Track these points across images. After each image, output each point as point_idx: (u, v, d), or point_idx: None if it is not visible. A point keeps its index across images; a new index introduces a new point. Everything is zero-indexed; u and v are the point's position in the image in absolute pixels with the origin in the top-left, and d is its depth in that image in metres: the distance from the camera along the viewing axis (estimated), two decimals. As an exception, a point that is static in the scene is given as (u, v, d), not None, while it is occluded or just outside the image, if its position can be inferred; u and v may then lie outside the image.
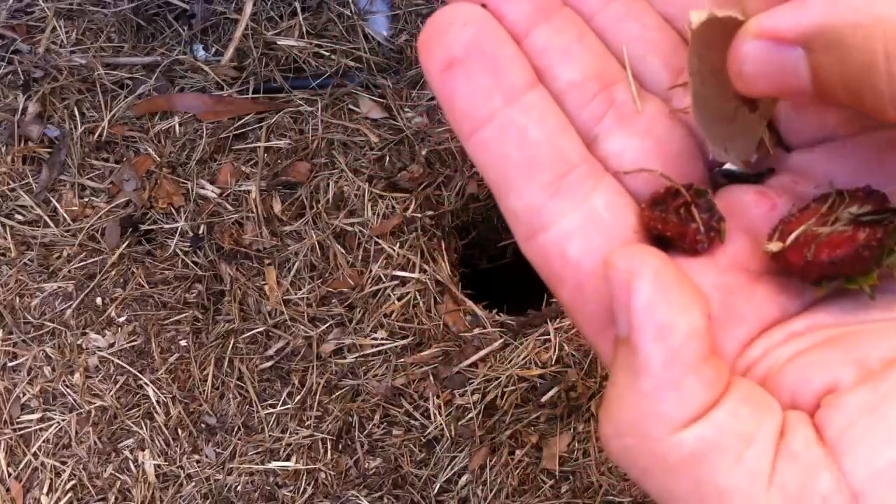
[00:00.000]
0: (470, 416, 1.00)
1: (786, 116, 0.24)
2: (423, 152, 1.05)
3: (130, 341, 1.06)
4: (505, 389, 0.99)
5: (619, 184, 0.24)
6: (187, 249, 1.06)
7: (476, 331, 1.01)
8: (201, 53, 1.10)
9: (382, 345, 1.02)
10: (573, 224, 0.23)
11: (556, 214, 0.23)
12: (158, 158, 1.08)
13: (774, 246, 0.23)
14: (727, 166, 0.25)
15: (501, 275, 1.18)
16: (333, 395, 1.02)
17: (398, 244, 1.04)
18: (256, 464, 1.02)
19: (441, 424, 1.00)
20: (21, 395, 1.06)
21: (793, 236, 0.22)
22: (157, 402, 1.04)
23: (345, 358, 1.02)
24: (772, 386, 0.22)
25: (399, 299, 1.03)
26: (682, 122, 0.25)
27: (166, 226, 1.07)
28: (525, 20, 0.24)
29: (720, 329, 0.23)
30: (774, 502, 0.19)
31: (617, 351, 0.21)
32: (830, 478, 0.19)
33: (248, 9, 1.08)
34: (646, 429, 0.20)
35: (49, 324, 1.07)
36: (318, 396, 1.02)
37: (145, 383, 1.05)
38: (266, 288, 1.04)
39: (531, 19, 0.24)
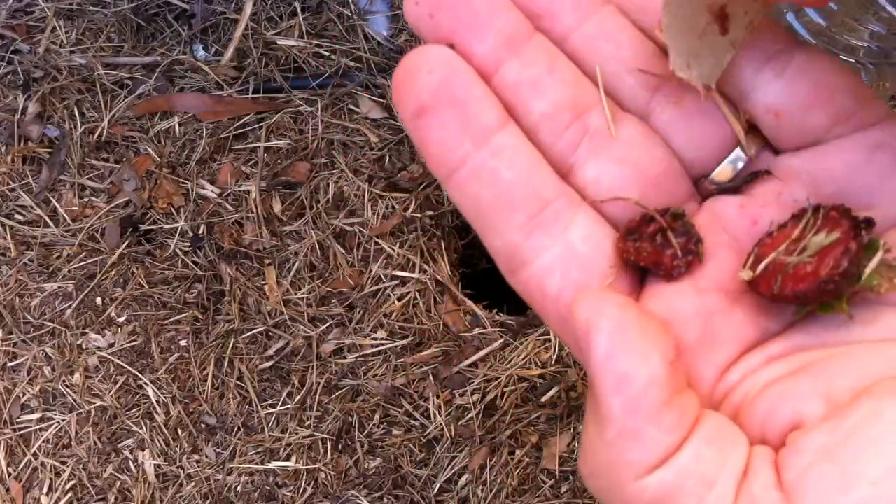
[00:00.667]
0: (470, 416, 1.00)
1: (770, 120, 0.24)
2: (423, 152, 1.05)
3: (130, 341, 1.06)
4: (505, 389, 0.99)
5: (596, 213, 0.24)
6: (187, 249, 1.06)
7: (476, 331, 1.01)
8: (201, 53, 1.10)
9: (382, 345, 1.02)
10: (551, 259, 0.23)
11: (535, 251, 0.23)
12: (158, 158, 1.08)
13: (745, 275, 0.23)
14: (714, 174, 0.25)
15: (501, 275, 1.18)
16: (333, 395, 1.02)
17: (398, 244, 1.04)
18: (256, 464, 1.02)
19: (441, 424, 1.00)
20: (21, 395, 1.06)
21: (762, 266, 0.22)
22: (157, 402, 1.04)
23: (345, 358, 1.02)
24: (745, 416, 0.22)
25: (399, 299, 1.03)
26: (661, 142, 0.25)
27: (166, 226, 1.07)
28: (494, 56, 0.24)
29: (699, 355, 0.23)
30: None
31: (588, 398, 0.22)
32: None
33: (248, 9, 1.08)
34: (614, 474, 0.21)
35: (49, 324, 1.07)
36: (318, 396, 1.02)
37: (145, 383, 1.05)
38: (266, 288, 1.04)
39: (500, 54, 0.24)
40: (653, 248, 0.24)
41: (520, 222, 0.23)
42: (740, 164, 0.25)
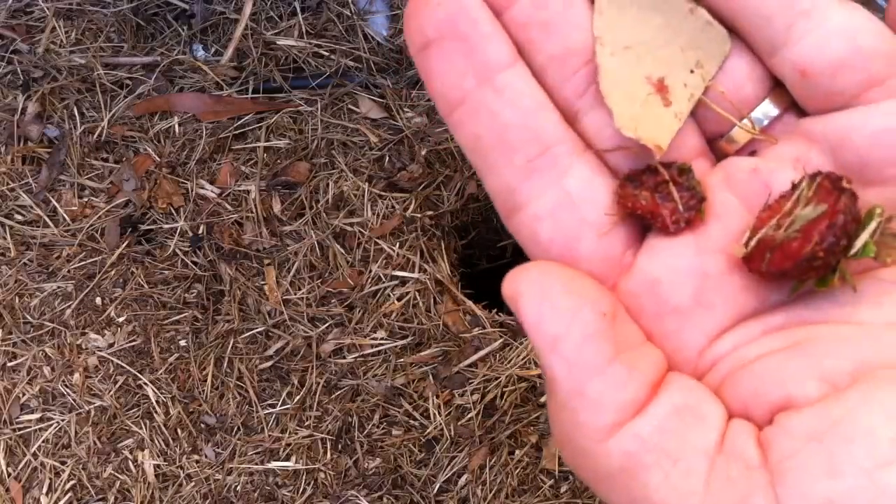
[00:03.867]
0: (469, 416, 1.00)
1: (797, 79, 0.22)
2: (423, 152, 1.05)
3: (130, 341, 1.06)
4: (504, 389, 0.99)
5: (599, 161, 0.24)
6: (187, 249, 1.06)
7: (476, 331, 1.01)
8: (201, 53, 1.10)
9: (382, 345, 1.02)
10: (545, 206, 0.23)
11: (530, 195, 0.23)
12: (158, 158, 1.08)
13: (738, 250, 0.22)
14: (731, 134, 0.24)
15: (501, 275, 1.18)
16: (333, 395, 1.02)
17: (398, 244, 1.04)
18: (256, 464, 1.02)
19: (441, 424, 1.00)
20: (20, 395, 1.05)
21: (754, 240, 0.22)
22: (157, 402, 1.04)
23: (344, 358, 1.02)
24: (730, 387, 0.21)
25: (399, 299, 1.03)
26: None
27: (166, 226, 1.07)
28: None
29: (687, 318, 0.22)
30: None
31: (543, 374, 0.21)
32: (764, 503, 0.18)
33: (248, 9, 1.08)
34: (575, 441, 0.20)
35: (48, 324, 1.07)
36: (317, 396, 1.02)
37: (145, 383, 1.05)
38: (266, 288, 1.04)
39: None
40: (653, 198, 0.23)
41: (518, 165, 0.23)
42: (765, 123, 0.24)
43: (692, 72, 0.23)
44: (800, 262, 0.21)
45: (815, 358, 0.20)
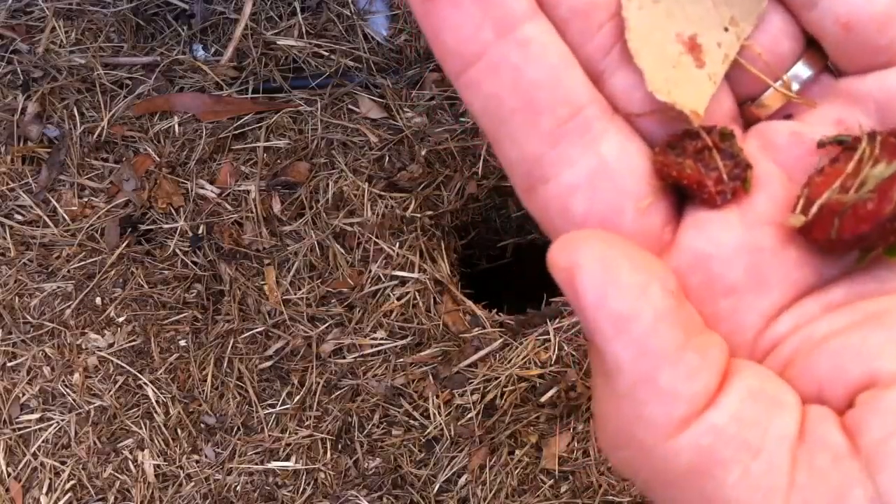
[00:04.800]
0: (469, 416, 1.00)
1: (839, 34, 0.20)
2: (423, 152, 1.05)
3: (130, 341, 1.06)
4: (504, 389, 0.99)
5: (629, 127, 0.21)
6: (187, 249, 1.06)
7: (476, 331, 1.01)
8: (201, 53, 1.10)
9: (382, 345, 1.02)
10: (578, 175, 0.20)
11: (560, 164, 0.20)
12: (158, 158, 1.08)
13: (796, 220, 0.20)
14: (763, 98, 0.22)
15: (501, 275, 1.18)
16: (333, 395, 1.02)
17: (398, 244, 1.04)
18: (256, 464, 1.02)
19: (441, 424, 1.00)
20: (20, 395, 1.05)
21: (815, 207, 0.19)
22: (157, 402, 1.04)
23: (344, 358, 1.02)
24: (797, 372, 0.19)
25: (398, 299, 1.03)
26: None
27: (166, 226, 1.07)
28: None
29: (742, 298, 0.20)
30: None
31: (591, 357, 0.19)
32: (864, 496, 0.16)
33: (248, 9, 1.08)
34: (637, 438, 0.18)
35: (48, 324, 1.07)
36: (317, 396, 1.02)
37: (145, 383, 1.05)
38: (265, 288, 1.04)
39: None
40: (696, 167, 0.20)
41: (545, 129, 0.20)
42: (795, 87, 0.22)
43: (726, 30, 0.21)
44: (880, 224, 0.18)
45: (894, 330, 0.18)
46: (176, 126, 1.09)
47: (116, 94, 1.09)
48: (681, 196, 0.22)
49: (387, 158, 1.06)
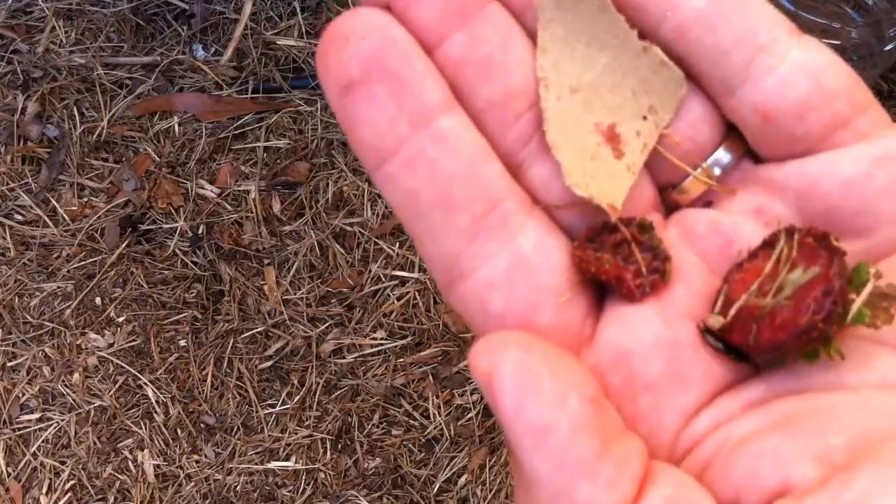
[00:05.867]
0: (469, 415, 1.00)
1: (757, 123, 0.20)
2: (423, 152, 1.05)
3: (130, 341, 1.06)
4: (504, 389, 0.99)
5: (549, 219, 0.21)
6: (186, 249, 1.06)
7: (475, 331, 1.01)
8: (200, 53, 1.10)
9: (382, 345, 1.02)
10: (496, 272, 0.20)
11: (477, 260, 0.20)
12: (158, 158, 1.08)
13: (715, 321, 0.20)
14: (684, 185, 0.22)
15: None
16: (333, 395, 1.02)
17: (397, 244, 1.04)
18: (256, 464, 1.02)
19: (441, 424, 1.00)
20: (20, 395, 1.05)
21: (733, 310, 0.19)
22: (157, 402, 1.04)
23: (344, 358, 1.02)
24: (715, 476, 0.18)
25: (398, 299, 1.03)
26: None
27: (165, 226, 1.07)
28: (439, 26, 0.20)
29: (661, 396, 0.20)
30: None
31: (511, 468, 0.19)
32: None
33: (248, 9, 1.08)
34: None
35: (48, 324, 1.07)
36: (317, 396, 1.02)
37: (144, 383, 1.05)
38: (265, 288, 1.04)
39: (446, 24, 0.20)
40: (615, 261, 0.20)
41: (462, 225, 0.20)
42: (717, 171, 0.21)
43: (645, 118, 0.21)
44: (796, 335, 0.18)
45: (809, 436, 0.18)
46: (176, 126, 1.09)
47: (116, 94, 1.10)
48: (600, 289, 0.21)
49: (387, 158, 1.06)
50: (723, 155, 0.21)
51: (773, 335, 0.18)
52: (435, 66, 0.20)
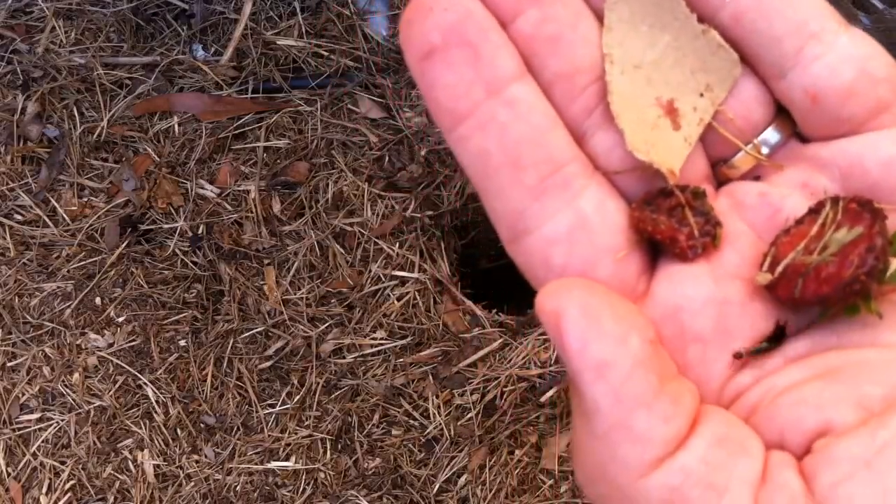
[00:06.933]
0: (469, 415, 1.00)
1: (806, 104, 0.22)
2: (423, 152, 1.05)
3: (129, 341, 1.06)
4: (504, 389, 0.99)
5: (609, 183, 0.23)
6: (186, 249, 1.06)
7: (475, 331, 1.01)
8: (200, 53, 1.10)
9: (382, 345, 1.02)
10: (559, 228, 0.22)
11: (541, 217, 0.22)
12: (158, 158, 1.08)
13: (763, 278, 0.21)
14: (735, 160, 0.24)
15: (501, 275, 1.18)
16: (333, 395, 1.02)
17: (397, 244, 1.04)
18: (256, 464, 1.02)
19: (440, 424, 1.00)
20: (20, 395, 1.05)
21: (780, 267, 0.21)
22: (157, 401, 1.04)
23: (344, 358, 1.02)
24: (760, 420, 0.20)
25: (398, 299, 1.03)
26: None
27: (165, 226, 1.07)
28: (514, 3, 0.22)
29: (708, 349, 0.21)
30: None
31: (572, 397, 0.20)
32: None
33: (248, 9, 1.08)
34: (611, 476, 0.19)
35: (48, 324, 1.07)
36: (317, 396, 1.02)
37: (144, 383, 1.05)
38: (265, 288, 1.04)
39: (520, 2, 0.22)
40: (670, 223, 0.22)
41: (528, 184, 0.21)
42: (765, 150, 0.23)
43: (701, 95, 0.23)
44: (840, 287, 0.20)
45: (849, 384, 0.19)
46: (176, 126, 1.09)
47: (116, 94, 1.09)
48: (655, 249, 0.23)
49: (387, 158, 1.06)
50: (771, 134, 0.23)
51: (818, 288, 0.20)
52: (509, 38, 0.22)
